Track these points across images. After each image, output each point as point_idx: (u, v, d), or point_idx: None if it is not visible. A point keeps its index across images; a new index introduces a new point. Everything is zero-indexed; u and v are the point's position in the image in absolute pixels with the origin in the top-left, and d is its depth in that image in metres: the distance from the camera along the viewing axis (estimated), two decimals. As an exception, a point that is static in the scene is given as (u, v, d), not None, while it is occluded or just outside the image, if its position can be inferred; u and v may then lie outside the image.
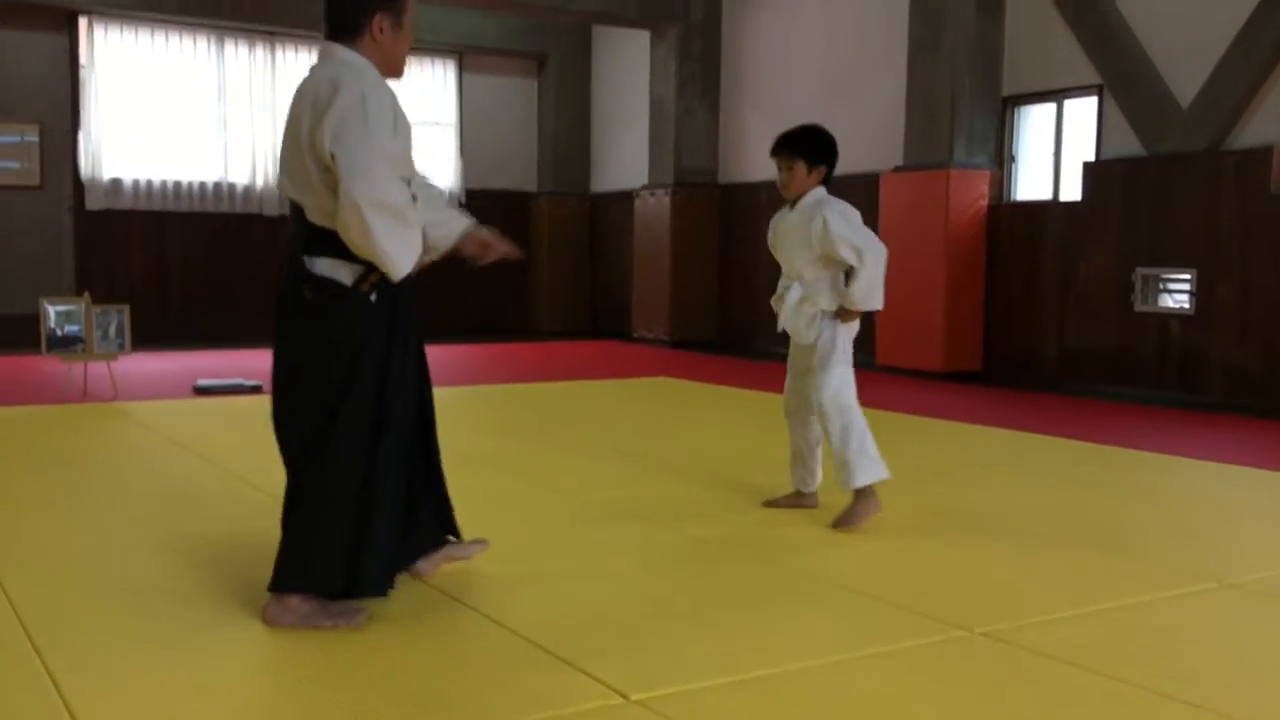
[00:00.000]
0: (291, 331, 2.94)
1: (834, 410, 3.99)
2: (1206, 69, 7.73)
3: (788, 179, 4.15)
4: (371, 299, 2.87)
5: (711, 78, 12.01)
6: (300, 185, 2.88)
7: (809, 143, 4.16)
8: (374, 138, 2.77)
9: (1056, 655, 2.79)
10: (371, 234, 2.75)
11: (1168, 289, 7.97)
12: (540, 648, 2.77)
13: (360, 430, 2.87)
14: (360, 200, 2.72)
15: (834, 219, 4.00)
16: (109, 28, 11.55)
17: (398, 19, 2.98)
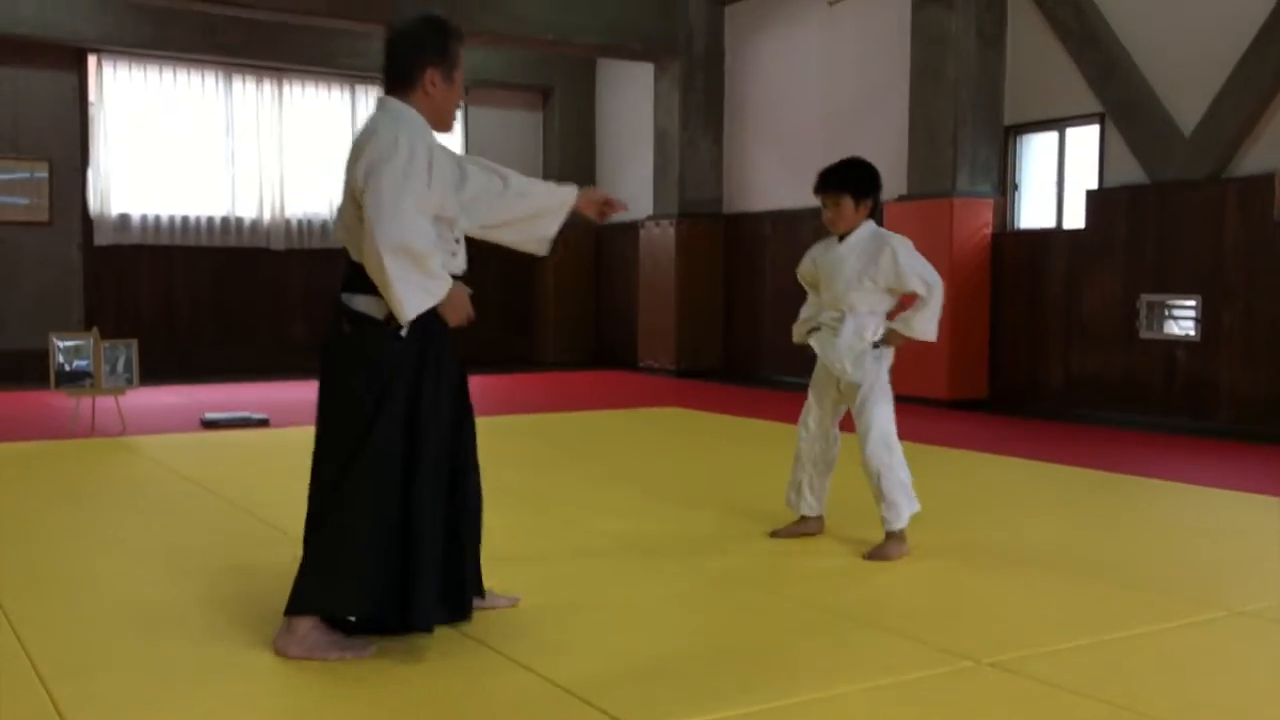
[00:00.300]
0: (330, 364, 3.05)
1: (883, 449, 4.01)
2: (1208, 97, 7.76)
3: (835, 215, 4.10)
4: (401, 334, 2.93)
5: (715, 109, 12.08)
6: (347, 226, 3.00)
7: (854, 177, 4.12)
8: (403, 181, 2.86)
9: (1064, 685, 2.78)
10: (385, 275, 2.84)
11: (1173, 316, 7.97)
12: (551, 682, 2.77)
13: (387, 460, 2.91)
14: (379, 242, 2.82)
15: (903, 251, 4.01)
16: (118, 65, 11.67)
17: (449, 73, 3.11)
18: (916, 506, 4.04)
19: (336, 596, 2.93)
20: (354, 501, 2.92)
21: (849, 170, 4.13)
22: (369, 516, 2.91)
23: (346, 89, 12.84)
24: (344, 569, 2.91)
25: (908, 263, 3.99)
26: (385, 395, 2.92)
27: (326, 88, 12.73)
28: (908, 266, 3.99)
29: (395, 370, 2.94)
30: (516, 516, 4.65)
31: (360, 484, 2.92)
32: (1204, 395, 7.73)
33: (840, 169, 4.13)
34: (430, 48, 3.07)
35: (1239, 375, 7.55)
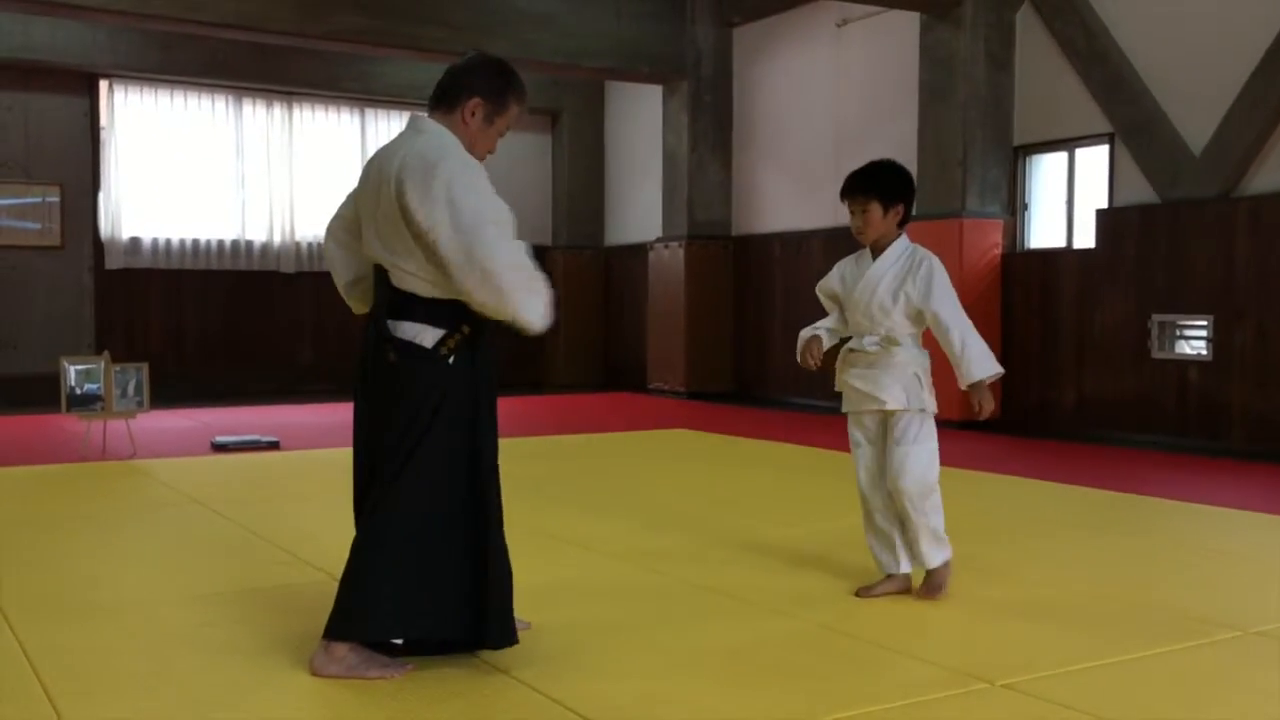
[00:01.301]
0: (373, 392, 3.01)
1: (922, 492, 3.65)
2: (1217, 116, 7.76)
3: (863, 224, 3.73)
4: (450, 361, 2.93)
5: (723, 131, 12.11)
6: (395, 249, 2.94)
7: (882, 180, 3.73)
8: (488, 203, 2.88)
9: (1078, 707, 2.75)
10: (506, 287, 2.84)
11: (1185, 335, 7.95)
12: (561, 705, 2.75)
13: (437, 486, 2.92)
14: (489, 265, 2.82)
15: (940, 273, 3.68)
16: (129, 90, 11.74)
17: (490, 116, 3.07)
18: (949, 551, 3.75)
19: (379, 623, 2.92)
20: (400, 528, 2.91)
21: (877, 172, 3.76)
22: (416, 543, 2.90)
23: (356, 112, 12.91)
24: (389, 595, 2.90)
25: (942, 284, 3.66)
26: (434, 423, 2.91)
27: (335, 111, 12.80)
28: (940, 288, 3.65)
29: (444, 398, 2.92)
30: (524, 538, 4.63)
31: (408, 511, 2.91)
32: (1216, 415, 7.70)
33: (867, 171, 3.77)
34: (486, 83, 3.05)
35: (1251, 395, 7.52)
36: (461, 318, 2.95)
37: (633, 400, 11.91)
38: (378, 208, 2.97)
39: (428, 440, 2.91)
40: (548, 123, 14.11)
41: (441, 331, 2.93)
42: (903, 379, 3.68)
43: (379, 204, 2.96)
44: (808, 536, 4.75)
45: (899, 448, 3.67)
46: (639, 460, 7.44)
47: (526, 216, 13.64)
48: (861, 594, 3.76)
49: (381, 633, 2.95)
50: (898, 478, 3.66)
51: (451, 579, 2.92)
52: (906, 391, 3.67)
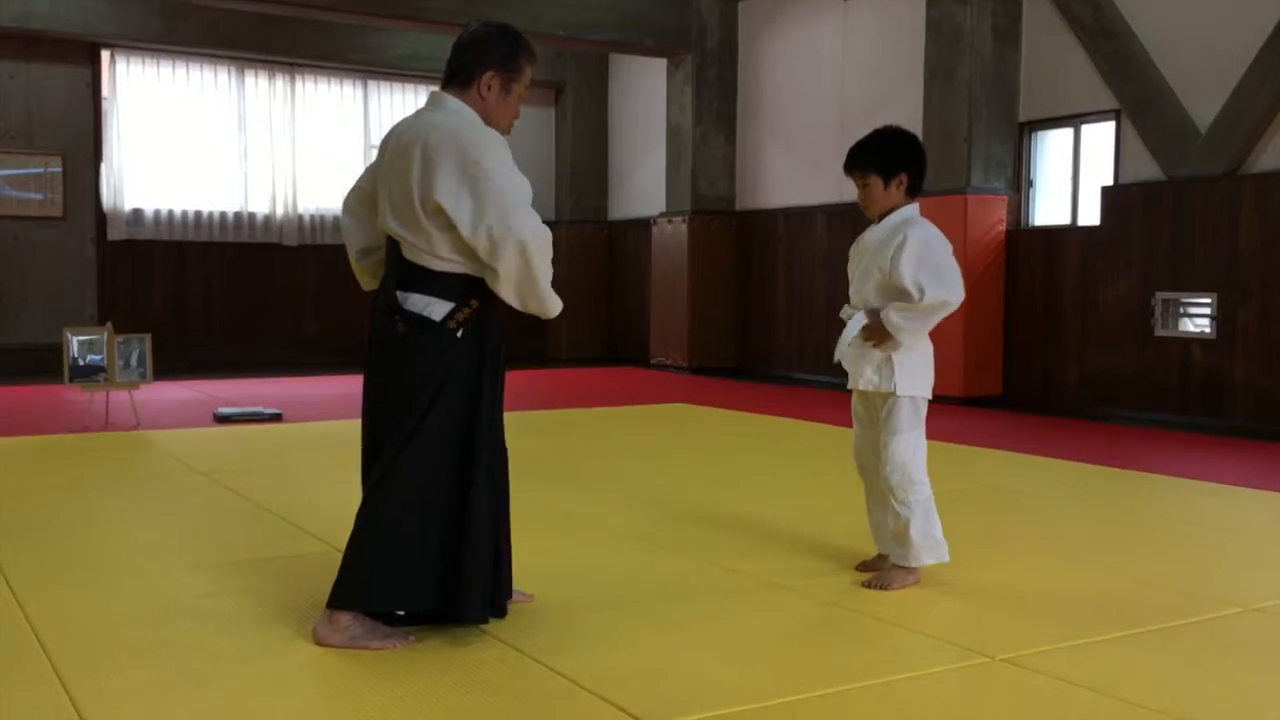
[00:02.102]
0: (381, 364, 3.02)
1: (900, 484, 3.51)
2: (1224, 93, 7.72)
3: (864, 197, 3.59)
4: (458, 335, 2.94)
5: (728, 105, 12.06)
6: (408, 222, 2.94)
7: (881, 152, 3.55)
8: (515, 179, 2.91)
9: (1078, 681, 2.76)
10: (535, 270, 2.88)
11: (1188, 313, 7.93)
12: (563, 676, 2.76)
13: (439, 459, 2.92)
14: (525, 238, 2.84)
15: (915, 240, 3.45)
16: (130, 60, 11.69)
17: (507, 84, 3.08)
18: (945, 556, 3.57)
19: (380, 593, 2.93)
20: (404, 499, 2.92)
21: (876, 144, 3.57)
22: (419, 514, 2.92)
23: (359, 84, 12.85)
24: (392, 566, 2.92)
25: (910, 255, 3.42)
26: (440, 395, 2.92)
27: (339, 83, 12.74)
28: (907, 260, 3.42)
29: (451, 371, 2.93)
30: (525, 512, 4.65)
31: (410, 482, 2.92)
32: (1219, 393, 7.69)
33: (866, 143, 3.59)
34: (496, 53, 3.05)
35: (1255, 373, 7.51)
36: (471, 292, 2.96)
37: (635, 375, 11.92)
38: (393, 180, 2.97)
39: (432, 415, 2.91)
40: (552, 96, 14.05)
41: (450, 305, 2.94)
42: (873, 360, 3.53)
43: (395, 177, 2.97)
44: (809, 512, 4.76)
45: (882, 435, 3.56)
46: (640, 435, 7.45)
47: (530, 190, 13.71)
48: (861, 568, 3.75)
49: (382, 603, 2.96)
50: (881, 466, 3.56)
51: (442, 552, 2.93)
52: (878, 373, 3.52)
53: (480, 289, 2.97)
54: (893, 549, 3.61)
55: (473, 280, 2.96)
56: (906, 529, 3.53)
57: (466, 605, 2.94)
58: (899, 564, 3.59)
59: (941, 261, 3.48)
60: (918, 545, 3.53)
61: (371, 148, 12.96)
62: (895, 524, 3.56)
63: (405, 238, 2.96)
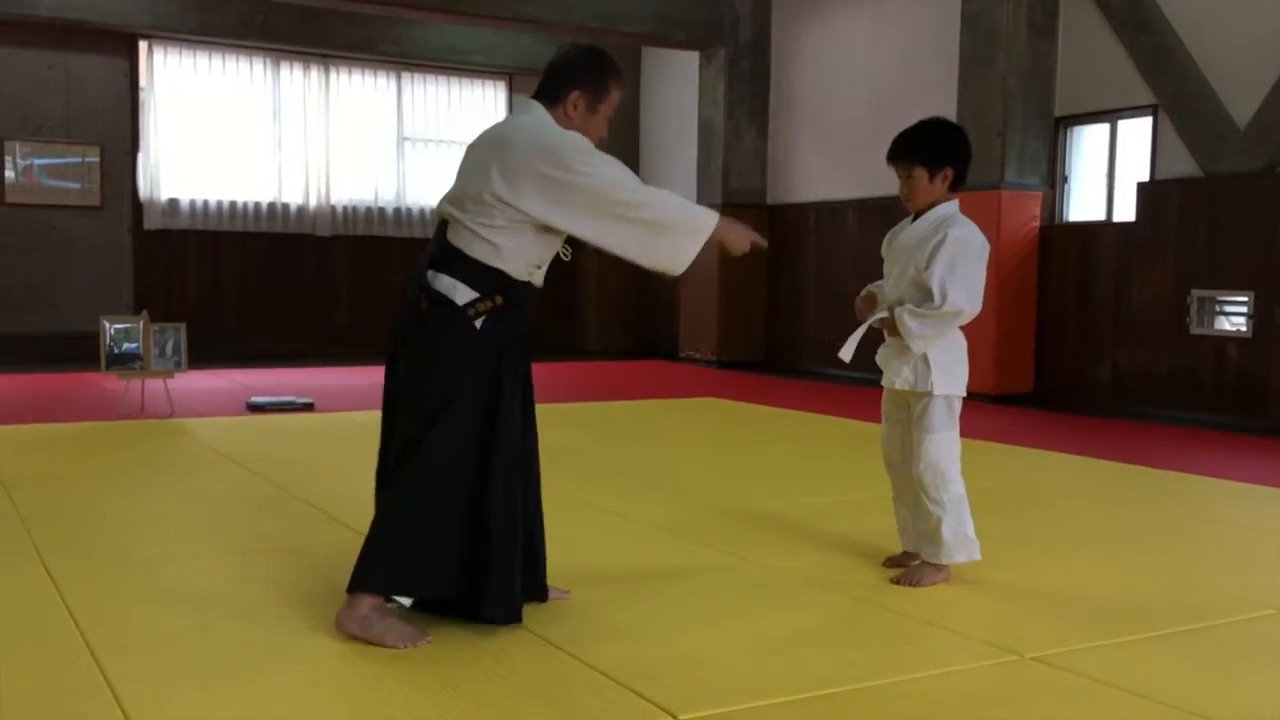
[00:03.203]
0: (403, 342, 3.04)
1: (934, 482, 3.47)
2: (1263, 88, 7.63)
3: (908, 190, 3.50)
4: (477, 325, 2.95)
5: (760, 99, 12.02)
6: (465, 204, 2.99)
7: (929, 143, 3.48)
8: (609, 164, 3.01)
9: (1108, 681, 2.75)
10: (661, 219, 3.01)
11: (1224, 311, 7.85)
12: (591, 667, 2.77)
13: (457, 445, 2.92)
14: (641, 199, 2.98)
15: (953, 242, 3.39)
16: (168, 51, 11.80)
17: (593, 104, 3.15)
18: (977, 554, 3.53)
19: (394, 578, 2.95)
20: (419, 485, 2.93)
21: (924, 135, 3.50)
22: (434, 501, 2.92)
23: (392, 76, 12.91)
24: (405, 551, 2.93)
25: (945, 257, 3.37)
26: (457, 380, 2.93)
27: (372, 74, 12.81)
28: (943, 261, 3.37)
29: (468, 357, 2.94)
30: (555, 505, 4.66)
31: (427, 467, 2.93)
32: (1255, 392, 7.61)
33: (913, 133, 3.52)
34: (584, 74, 3.12)
35: (1292, 372, 7.42)
36: (498, 288, 2.97)
37: (664, 368, 11.92)
38: (468, 167, 3.04)
39: (449, 406, 2.92)
40: (583, 88, 14.03)
41: (475, 294, 2.96)
42: (911, 358, 3.49)
43: (470, 163, 3.04)
44: (839, 507, 4.75)
45: (915, 433, 3.52)
46: (669, 429, 7.45)
47: (561, 183, 13.72)
48: (888, 564, 3.74)
49: (395, 589, 2.98)
50: (913, 464, 3.53)
51: (459, 546, 2.93)
52: (915, 373, 3.48)
53: (509, 289, 2.99)
54: (924, 546, 3.58)
55: (505, 278, 2.98)
56: (939, 527, 3.50)
57: (490, 606, 2.94)
58: (930, 561, 3.57)
59: (973, 269, 3.43)
60: (949, 543, 3.50)
61: (405, 139, 13.03)
62: (927, 522, 3.53)
63: (458, 218, 2.99)
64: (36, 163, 11.28)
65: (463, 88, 13.35)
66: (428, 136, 13.14)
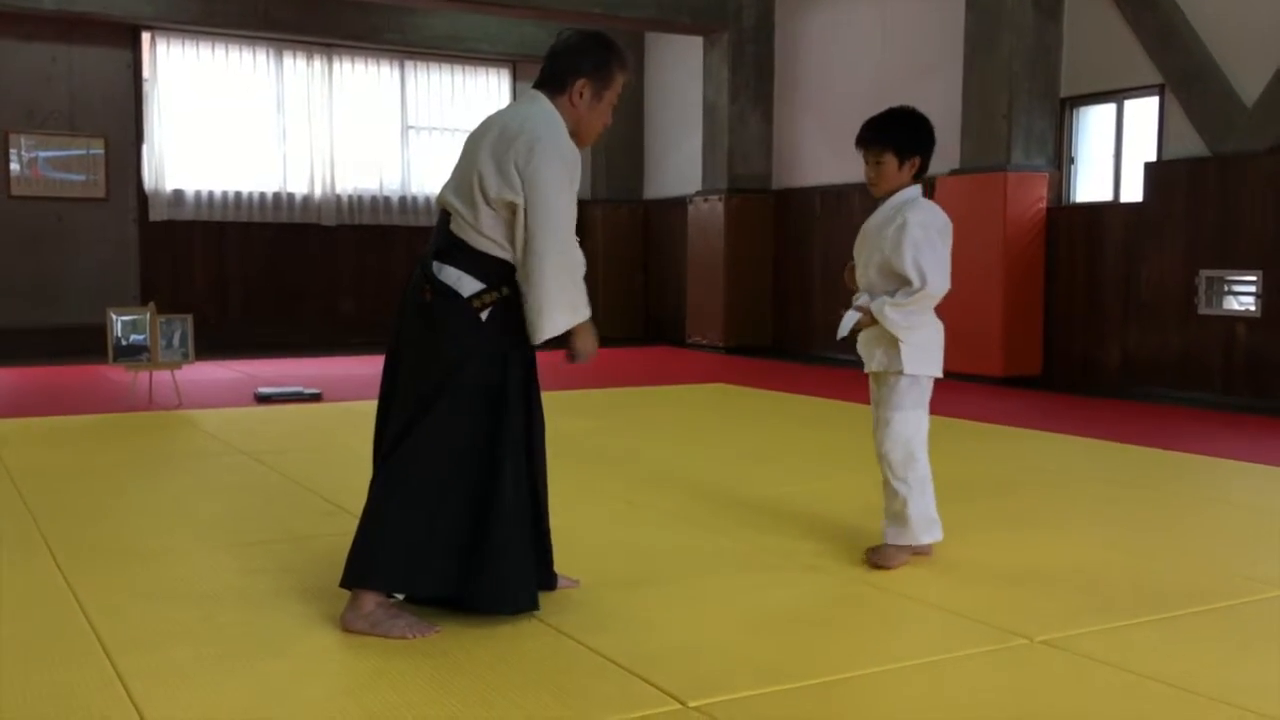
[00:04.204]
0: (404, 331, 3.04)
1: (901, 460, 3.51)
2: (1271, 67, 7.58)
3: (875, 175, 3.55)
4: (481, 317, 2.94)
5: (765, 83, 11.98)
6: (464, 195, 2.98)
7: (899, 130, 3.54)
8: (566, 196, 2.92)
9: (1118, 664, 2.74)
10: (545, 283, 2.87)
11: (1233, 291, 7.82)
12: (599, 654, 2.78)
13: (461, 442, 2.91)
14: (549, 248, 2.87)
15: (915, 225, 3.43)
16: (170, 42, 11.79)
17: (599, 92, 3.10)
18: (938, 534, 3.57)
19: (392, 574, 2.93)
20: (416, 473, 2.91)
21: (894, 122, 3.56)
22: (433, 490, 2.90)
23: (396, 65, 12.89)
24: (402, 544, 2.91)
25: (913, 239, 3.41)
26: (456, 374, 2.91)
27: (375, 63, 12.79)
28: (910, 244, 3.41)
29: (471, 350, 2.93)
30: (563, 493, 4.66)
31: (420, 461, 2.91)
32: (1264, 372, 7.58)
33: (885, 120, 3.56)
34: (589, 61, 3.08)
35: (1301, 352, 7.39)
36: (504, 279, 2.96)
37: (671, 354, 11.91)
38: (465, 157, 3.03)
39: (448, 396, 2.90)
40: (587, 75, 14.00)
41: (480, 285, 2.94)
42: (884, 340, 3.53)
43: (466, 154, 3.02)
44: (845, 491, 4.75)
45: (881, 412, 3.57)
46: (676, 415, 7.45)
47: (566, 169, 13.72)
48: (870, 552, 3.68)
49: (389, 585, 2.94)
50: (879, 444, 3.57)
51: (461, 537, 2.91)
52: (887, 354, 3.52)
53: (514, 280, 2.97)
54: (888, 527, 3.58)
55: (509, 268, 2.96)
56: (905, 507, 3.53)
57: (496, 600, 2.92)
58: (894, 542, 3.57)
59: (940, 250, 3.49)
60: (916, 523, 3.53)
61: (409, 127, 13.02)
62: (893, 502, 3.56)
63: (457, 209, 2.98)
64: (41, 155, 11.29)
65: (467, 76, 13.33)
66: (432, 125, 13.13)
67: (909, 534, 3.55)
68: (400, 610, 2.94)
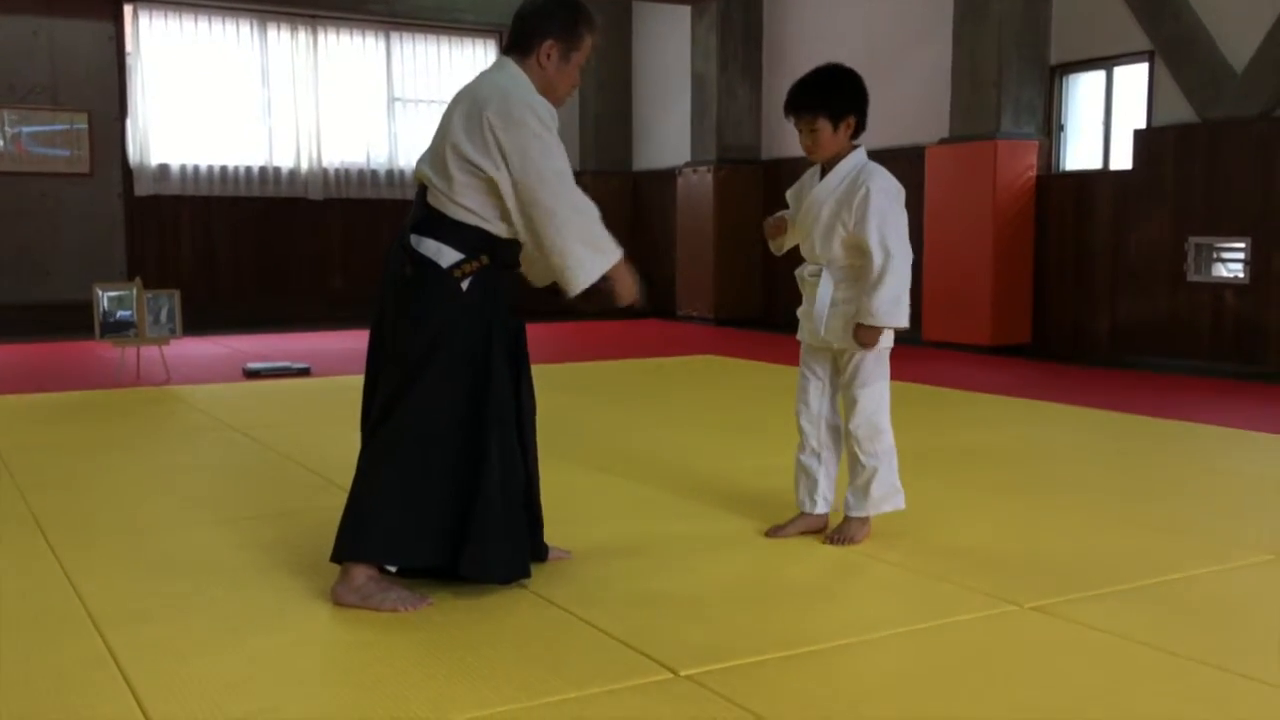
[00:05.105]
0: (386, 305, 3.02)
1: (869, 435, 3.45)
2: (1260, 33, 7.56)
3: (812, 142, 3.42)
4: (462, 287, 2.92)
5: (753, 53, 11.92)
6: (438, 170, 2.97)
7: (827, 92, 3.39)
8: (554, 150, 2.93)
9: (1108, 629, 2.76)
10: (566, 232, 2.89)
11: (1221, 258, 7.83)
12: (590, 624, 2.78)
13: (439, 409, 2.90)
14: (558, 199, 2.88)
15: (878, 196, 3.31)
16: (153, 15, 11.67)
17: (566, 53, 3.07)
18: (899, 504, 3.52)
19: (384, 544, 2.92)
20: (404, 443, 2.91)
21: (822, 84, 3.41)
22: (420, 460, 2.90)
23: (381, 36, 12.78)
24: (393, 514, 2.90)
25: (878, 213, 3.30)
26: (439, 344, 2.90)
27: (360, 35, 12.68)
28: (875, 218, 3.29)
29: (453, 321, 2.92)
30: (554, 465, 4.66)
31: (406, 432, 2.91)
32: (1253, 339, 7.61)
33: (810, 83, 3.43)
34: (556, 22, 3.05)
35: (1289, 318, 7.41)
36: (483, 247, 2.95)
37: (661, 327, 11.90)
38: (439, 129, 3.02)
39: (433, 365, 2.89)
40: (575, 45, 13.92)
41: (460, 255, 2.93)
42: (846, 314, 3.41)
43: (441, 126, 3.01)
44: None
45: (848, 390, 3.48)
46: (667, 387, 7.45)
47: (554, 141, 13.66)
48: (771, 534, 3.60)
49: (380, 556, 2.93)
50: (846, 420, 3.49)
51: (450, 505, 2.90)
52: (848, 329, 3.41)
53: (494, 248, 2.96)
54: (852, 500, 3.52)
55: (489, 237, 2.95)
56: (873, 478, 3.47)
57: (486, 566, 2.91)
58: (856, 515, 3.51)
59: (900, 219, 3.37)
60: (877, 496, 3.48)
61: (395, 100, 12.93)
62: (860, 476, 3.49)
63: (433, 181, 2.97)
64: (24, 130, 11.19)
65: (452, 46, 13.22)
66: (419, 97, 13.04)
67: (870, 504, 3.49)
68: (391, 583, 2.94)
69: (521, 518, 3.01)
